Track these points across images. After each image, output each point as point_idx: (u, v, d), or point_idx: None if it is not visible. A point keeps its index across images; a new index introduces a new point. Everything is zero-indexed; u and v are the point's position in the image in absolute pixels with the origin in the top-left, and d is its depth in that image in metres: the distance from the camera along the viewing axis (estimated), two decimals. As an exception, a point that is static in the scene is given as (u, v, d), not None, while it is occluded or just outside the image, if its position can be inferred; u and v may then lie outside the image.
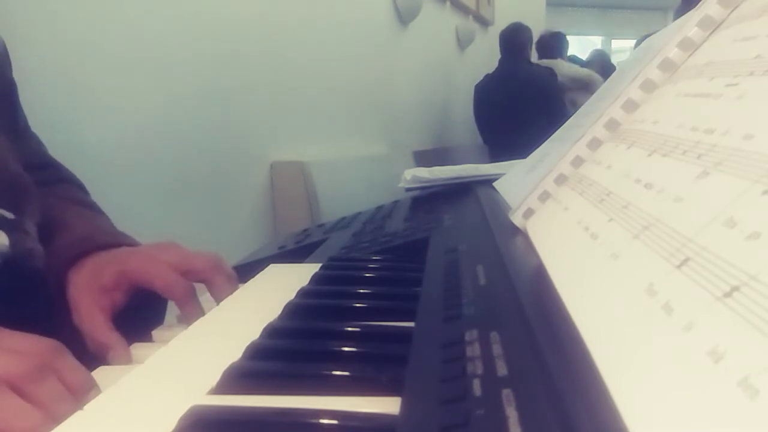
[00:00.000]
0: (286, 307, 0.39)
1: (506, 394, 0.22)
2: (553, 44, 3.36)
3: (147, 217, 1.07)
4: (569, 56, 3.74)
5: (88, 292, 0.45)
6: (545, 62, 3.15)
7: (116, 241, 0.51)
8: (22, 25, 0.87)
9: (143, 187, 1.10)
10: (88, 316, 0.44)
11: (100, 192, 0.64)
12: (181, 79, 1.19)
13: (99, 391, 0.33)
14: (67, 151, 0.65)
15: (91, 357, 0.39)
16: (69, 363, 0.33)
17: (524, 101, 2.71)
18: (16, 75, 0.57)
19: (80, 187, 0.64)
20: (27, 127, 0.61)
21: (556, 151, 0.52)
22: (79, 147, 0.93)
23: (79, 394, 0.32)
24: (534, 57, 3.14)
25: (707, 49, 0.35)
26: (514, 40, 2.85)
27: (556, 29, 3.55)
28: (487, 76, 2.87)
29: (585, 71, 3.27)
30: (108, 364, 0.40)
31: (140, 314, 0.48)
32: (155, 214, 1.11)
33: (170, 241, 0.49)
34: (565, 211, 0.37)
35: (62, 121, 0.92)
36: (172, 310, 0.48)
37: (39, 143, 0.63)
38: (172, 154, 1.17)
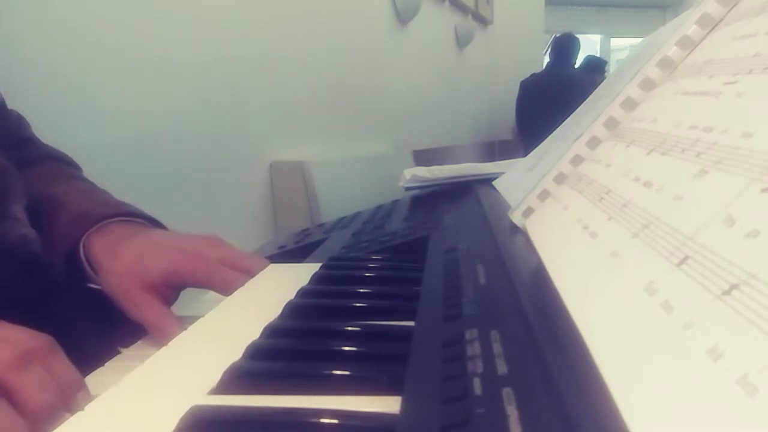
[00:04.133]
0: (286, 306, 0.39)
1: (507, 392, 0.22)
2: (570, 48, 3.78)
3: (147, 217, 1.07)
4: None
5: (136, 284, 0.45)
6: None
7: (116, 211, 0.51)
8: (22, 25, 0.87)
9: (142, 187, 1.09)
10: (147, 305, 0.44)
11: (100, 192, 0.64)
12: (180, 79, 1.19)
13: (88, 393, 0.32)
14: (66, 151, 0.65)
15: (88, 350, 0.39)
16: (59, 359, 0.33)
17: (566, 102, 2.93)
18: (15, 75, 0.57)
19: (69, 163, 0.61)
20: (3, 106, 0.59)
21: (556, 149, 0.52)
22: (78, 147, 0.93)
23: (67, 392, 0.31)
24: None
25: (706, 47, 0.35)
26: (567, 48, 3.28)
27: (558, 29, 3.83)
28: (533, 74, 3.24)
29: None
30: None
31: None
32: (155, 213, 1.11)
33: (215, 236, 0.49)
34: (565, 209, 0.37)
35: (61, 121, 0.92)
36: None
37: (19, 119, 0.61)
38: (171, 153, 1.17)
